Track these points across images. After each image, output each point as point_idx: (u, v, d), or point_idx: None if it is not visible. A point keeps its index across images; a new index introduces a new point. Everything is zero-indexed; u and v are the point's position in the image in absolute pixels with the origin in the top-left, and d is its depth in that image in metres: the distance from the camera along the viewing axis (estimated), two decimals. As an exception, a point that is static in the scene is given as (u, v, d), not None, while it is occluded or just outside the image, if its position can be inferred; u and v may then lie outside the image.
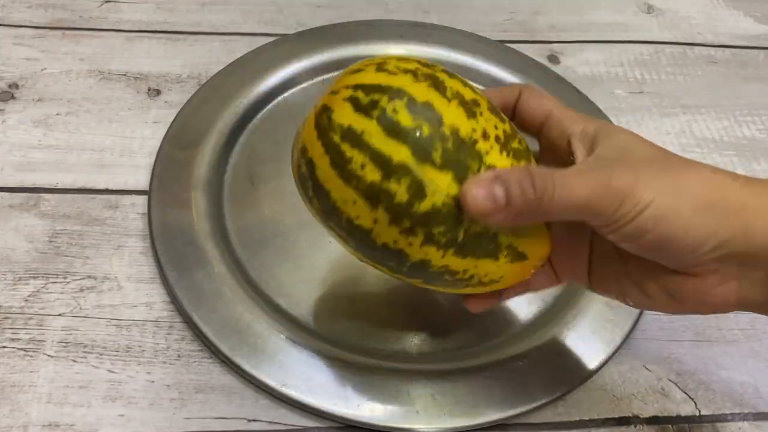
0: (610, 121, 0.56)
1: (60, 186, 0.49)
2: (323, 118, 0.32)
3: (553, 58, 0.62)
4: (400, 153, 0.30)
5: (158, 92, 0.55)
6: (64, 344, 0.42)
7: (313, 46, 0.58)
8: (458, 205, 0.31)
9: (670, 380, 0.44)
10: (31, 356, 0.41)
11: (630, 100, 0.59)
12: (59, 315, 0.43)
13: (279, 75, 0.56)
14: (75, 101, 0.54)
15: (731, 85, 0.61)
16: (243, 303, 0.43)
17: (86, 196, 0.49)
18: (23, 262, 0.45)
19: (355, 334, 0.43)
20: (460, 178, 0.31)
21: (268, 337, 0.42)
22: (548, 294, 0.46)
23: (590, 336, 0.44)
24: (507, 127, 0.33)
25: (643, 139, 0.33)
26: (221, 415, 0.40)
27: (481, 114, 0.32)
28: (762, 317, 0.47)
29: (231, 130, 0.52)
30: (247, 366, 0.41)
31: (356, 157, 0.30)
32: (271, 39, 0.59)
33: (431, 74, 0.32)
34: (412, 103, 0.30)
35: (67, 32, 0.59)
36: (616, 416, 0.42)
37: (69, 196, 0.48)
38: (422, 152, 0.30)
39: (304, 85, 0.56)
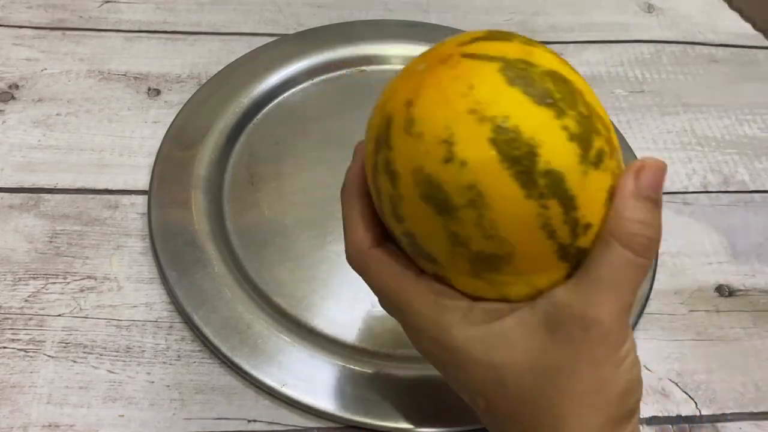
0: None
1: (60, 186, 0.49)
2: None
3: (554, 58, 0.62)
4: None
5: (158, 92, 0.55)
6: (64, 345, 0.42)
7: (313, 46, 0.58)
8: None
9: (670, 380, 0.44)
10: (31, 357, 0.41)
11: (631, 100, 0.59)
12: (59, 315, 0.43)
13: (279, 75, 0.56)
14: (75, 101, 0.54)
15: (732, 84, 0.61)
16: (243, 303, 0.43)
17: (86, 197, 0.49)
18: (23, 262, 0.45)
19: (355, 335, 0.43)
20: None
21: (268, 337, 0.42)
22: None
23: (591, 336, 0.44)
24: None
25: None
26: (221, 416, 0.40)
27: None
28: (764, 316, 0.47)
29: (231, 130, 0.52)
30: (247, 366, 0.41)
31: None
32: (271, 39, 0.59)
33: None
34: None
35: (67, 32, 0.59)
36: (617, 416, 0.42)
37: (69, 196, 0.48)
38: None
39: (304, 85, 0.56)
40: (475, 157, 0.25)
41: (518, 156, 0.25)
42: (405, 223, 0.28)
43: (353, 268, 0.32)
